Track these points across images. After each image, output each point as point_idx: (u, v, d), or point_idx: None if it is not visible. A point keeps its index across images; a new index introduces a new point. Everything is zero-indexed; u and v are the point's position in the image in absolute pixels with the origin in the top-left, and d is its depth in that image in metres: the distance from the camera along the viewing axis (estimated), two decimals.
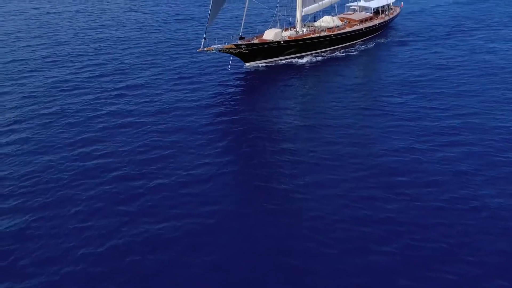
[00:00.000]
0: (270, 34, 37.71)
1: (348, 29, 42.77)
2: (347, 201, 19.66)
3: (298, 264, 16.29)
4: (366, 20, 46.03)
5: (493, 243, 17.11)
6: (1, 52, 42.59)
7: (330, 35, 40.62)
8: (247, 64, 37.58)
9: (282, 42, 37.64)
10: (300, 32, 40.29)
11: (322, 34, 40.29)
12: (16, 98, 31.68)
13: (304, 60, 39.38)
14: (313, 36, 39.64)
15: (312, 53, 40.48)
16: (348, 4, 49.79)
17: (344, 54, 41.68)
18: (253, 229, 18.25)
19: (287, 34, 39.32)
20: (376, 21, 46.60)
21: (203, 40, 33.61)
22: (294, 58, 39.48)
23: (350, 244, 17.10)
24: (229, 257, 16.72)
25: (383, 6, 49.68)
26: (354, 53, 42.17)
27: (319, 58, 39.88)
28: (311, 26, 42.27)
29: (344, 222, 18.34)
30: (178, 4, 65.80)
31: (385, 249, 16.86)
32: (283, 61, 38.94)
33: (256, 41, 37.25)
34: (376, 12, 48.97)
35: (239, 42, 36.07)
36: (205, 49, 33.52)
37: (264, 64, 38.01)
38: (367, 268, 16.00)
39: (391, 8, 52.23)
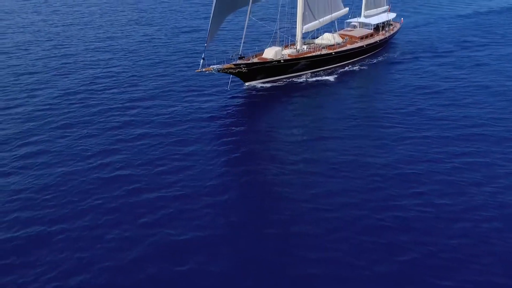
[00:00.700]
0: (270, 53, 37.37)
1: (349, 47, 43.13)
2: (365, 212, 20.47)
3: (318, 274, 17.04)
4: (367, 36, 46.71)
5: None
6: (12, 64, 43.58)
7: (331, 53, 40.78)
8: (247, 83, 37.23)
9: (282, 61, 37.39)
10: (301, 50, 40.45)
11: (323, 52, 40.49)
12: (30, 110, 32.61)
13: (306, 78, 39.57)
14: (313, 54, 39.82)
15: (314, 71, 40.73)
16: (348, 20, 50.14)
17: (347, 70, 42.42)
18: (270, 240, 18.96)
19: (287, 52, 39.11)
20: (377, 38, 47.40)
21: (201, 61, 33.23)
22: (295, 76, 39.65)
23: (372, 255, 17.86)
24: (245, 267, 17.47)
25: (383, 22, 50.48)
26: (357, 69, 42.97)
27: (321, 76, 40.34)
28: (312, 43, 42.60)
29: (364, 233, 19.06)
30: (185, 17, 66.92)
31: (405, 259, 17.67)
32: (284, 80, 38.75)
33: (255, 59, 36.73)
34: (377, 28, 49.69)
35: (239, 61, 35.47)
36: (203, 69, 33.05)
37: (264, 84, 37.93)
38: (387, 276, 16.83)
39: (391, 24, 53.25)
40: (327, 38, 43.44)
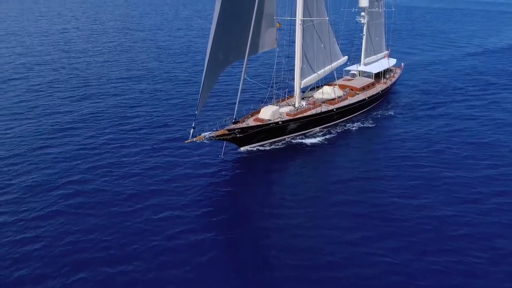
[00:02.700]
0: (267, 113, 34.20)
1: (350, 100, 40.25)
2: (417, 256, 20.84)
3: None
4: (368, 86, 44.44)
5: None
6: (43, 104, 43.69)
7: (333, 109, 37.85)
8: (242, 148, 33.77)
9: (280, 122, 34.03)
10: (299, 107, 37.35)
11: (324, 108, 37.44)
12: (67, 150, 32.87)
13: (308, 136, 36.36)
14: (313, 113, 36.59)
15: (316, 129, 37.63)
16: (347, 68, 47.89)
17: (353, 124, 39.74)
18: (325, 283, 19.16)
19: (285, 110, 35.82)
20: (378, 88, 45.03)
21: (191, 130, 29.68)
22: (295, 136, 36.25)
23: None
24: None
25: (384, 69, 48.38)
26: (364, 121, 40.50)
27: (323, 134, 37.37)
28: (311, 97, 40.05)
29: (422, 278, 19.48)
30: (201, 55, 65.99)
31: None
32: (284, 140, 35.34)
33: (251, 120, 34.03)
34: (377, 74, 47.45)
35: (233, 126, 32.16)
36: (194, 139, 29.76)
37: (263, 146, 34.55)
38: None
39: (391, 70, 51.34)
40: (327, 92, 40.69)
